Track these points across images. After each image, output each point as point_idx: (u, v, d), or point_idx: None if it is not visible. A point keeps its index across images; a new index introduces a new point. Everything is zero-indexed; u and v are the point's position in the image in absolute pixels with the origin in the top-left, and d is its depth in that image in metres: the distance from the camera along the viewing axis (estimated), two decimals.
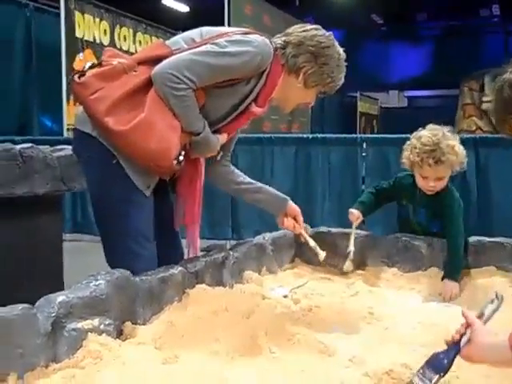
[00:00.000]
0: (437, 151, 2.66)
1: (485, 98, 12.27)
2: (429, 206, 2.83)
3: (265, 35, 2.21)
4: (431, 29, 19.91)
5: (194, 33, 2.19)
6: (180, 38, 2.18)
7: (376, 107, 18.21)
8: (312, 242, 2.51)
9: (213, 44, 2.08)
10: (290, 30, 2.26)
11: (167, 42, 2.20)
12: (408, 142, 2.82)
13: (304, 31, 2.23)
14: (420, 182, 2.78)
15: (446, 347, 1.46)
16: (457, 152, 2.68)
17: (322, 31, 2.25)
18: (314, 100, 2.39)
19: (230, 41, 2.09)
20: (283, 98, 2.33)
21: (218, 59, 2.05)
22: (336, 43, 2.26)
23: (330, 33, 2.27)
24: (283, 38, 2.24)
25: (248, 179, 2.48)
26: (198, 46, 2.09)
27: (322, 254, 2.47)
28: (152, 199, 2.19)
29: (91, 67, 2.06)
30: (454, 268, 2.67)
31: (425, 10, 18.73)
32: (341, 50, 2.27)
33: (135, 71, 2.07)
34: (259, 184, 2.49)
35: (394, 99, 20.86)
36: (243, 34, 2.15)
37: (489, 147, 4.94)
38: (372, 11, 18.43)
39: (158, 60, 2.07)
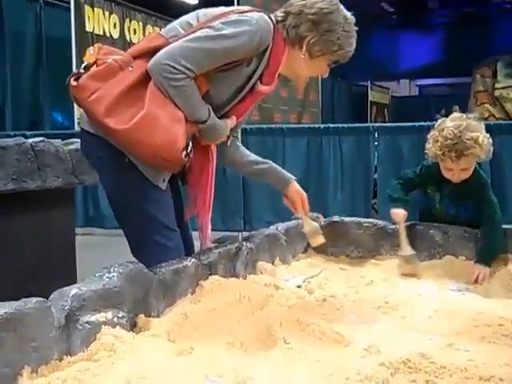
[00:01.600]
0: (459, 144, 2.59)
1: (497, 85, 12.17)
2: (457, 195, 2.80)
3: (263, 11, 2.14)
4: (442, 16, 19.73)
5: (190, 16, 2.13)
6: (177, 24, 2.13)
7: (387, 96, 18.13)
8: (309, 227, 2.46)
9: (208, 28, 2.02)
10: (292, 0, 2.18)
11: (164, 30, 2.15)
12: (431, 133, 2.75)
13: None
14: (445, 173, 2.73)
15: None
16: (480, 143, 2.61)
17: None
18: (326, 71, 2.28)
19: (226, 22, 2.03)
20: (292, 73, 2.26)
21: (214, 43, 1.99)
22: (341, 7, 2.16)
23: None
24: (284, 9, 2.17)
25: (252, 158, 2.44)
26: (194, 31, 2.03)
27: (316, 242, 2.45)
28: (169, 190, 2.17)
29: (86, 68, 2.02)
30: (487, 251, 2.64)
31: None
32: (348, 14, 2.17)
33: (131, 67, 2.02)
34: (263, 165, 2.43)
35: (405, 88, 20.75)
36: (240, 14, 2.08)
37: (502, 134, 4.91)
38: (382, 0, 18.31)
39: (154, 52, 2.01)
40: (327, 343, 1.74)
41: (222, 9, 2.15)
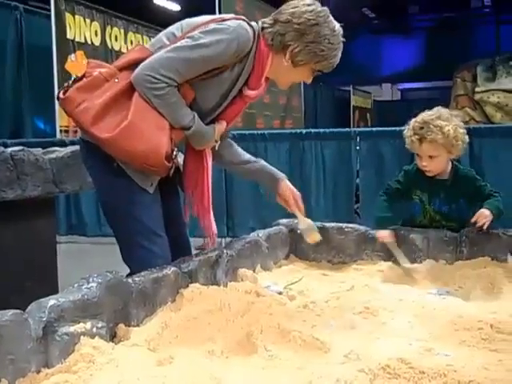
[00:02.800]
0: (424, 129, 2.70)
1: (478, 89, 12.27)
2: (446, 192, 2.84)
3: (243, 18, 2.19)
4: (423, 21, 19.89)
5: (174, 27, 2.21)
6: (163, 35, 2.21)
7: (369, 101, 18.21)
8: (303, 225, 2.50)
9: (188, 38, 2.09)
10: (283, 7, 2.22)
11: (150, 43, 2.23)
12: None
13: (295, 7, 2.18)
14: (417, 161, 2.82)
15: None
16: (445, 133, 2.67)
17: (314, 7, 2.18)
18: (310, 78, 2.33)
19: (204, 31, 2.09)
20: (275, 77, 2.32)
21: (192, 52, 2.06)
22: (329, 19, 2.19)
23: (324, 9, 2.20)
24: (273, 16, 2.22)
25: (244, 157, 2.48)
26: (176, 42, 2.10)
27: (313, 239, 2.50)
28: (158, 194, 2.24)
29: (74, 81, 2.10)
30: (494, 205, 2.73)
31: (416, 2, 18.72)
32: (336, 25, 2.21)
33: (117, 78, 2.10)
34: (254, 163, 2.48)
35: (387, 92, 20.87)
36: (219, 22, 2.14)
37: (482, 137, 4.95)
38: (363, 5, 18.40)
39: (138, 64, 2.09)
40: (308, 350, 1.74)
41: (204, 18, 2.20)
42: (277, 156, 5.63)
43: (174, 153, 2.14)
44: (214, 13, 7.72)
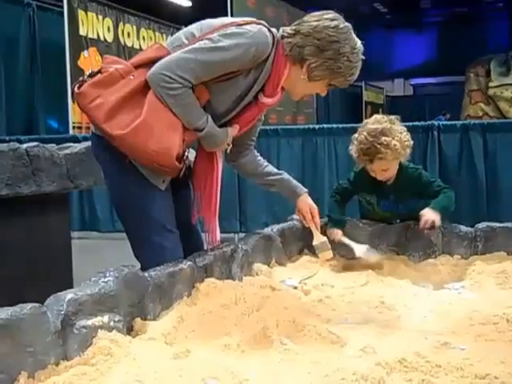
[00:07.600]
0: (371, 149, 2.71)
1: (491, 84, 12.21)
2: (394, 193, 2.89)
3: (263, 23, 2.16)
4: (435, 16, 19.81)
5: (194, 27, 2.19)
6: (182, 34, 2.19)
7: (382, 96, 18.17)
8: (318, 241, 2.60)
9: (206, 39, 2.07)
10: (305, 18, 2.20)
11: (168, 41, 2.21)
12: (354, 135, 2.85)
13: (317, 21, 2.15)
14: (370, 172, 2.84)
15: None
16: (392, 148, 2.69)
17: (336, 22, 2.15)
18: (324, 91, 2.32)
19: (223, 34, 2.07)
20: (289, 87, 2.30)
21: (209, 55, 2.04)
22: (350, 36, 2.17)
23: (347, 25, 2.17)
24: (295, 27, 2.19)
25: (266, 169, 2.53)
26: (195, 42, 2.08)
27: (324, 256, 2.62)
28: (170, 191, 2.23)
29: (90, 76, 2.09)
30: (441, 202, 2.76)
31: None
32: (357, 43, 2.19)
33: (133, 75, 2.08)
34: (275, 176, 2.53)
35: (399, 87, 20.81)
36: (238, 26, 2.11)
37: (496, 133, 4.92)
38: (375, 0, 18.34)
39: (155, 62, 2.08)
40: (323, 344, 1.75)
41: (224, 20, 2.18)
42: (289, 151, 5.62)
43: (186, 154, 2.14)
44: (225, 8, 7.70)
